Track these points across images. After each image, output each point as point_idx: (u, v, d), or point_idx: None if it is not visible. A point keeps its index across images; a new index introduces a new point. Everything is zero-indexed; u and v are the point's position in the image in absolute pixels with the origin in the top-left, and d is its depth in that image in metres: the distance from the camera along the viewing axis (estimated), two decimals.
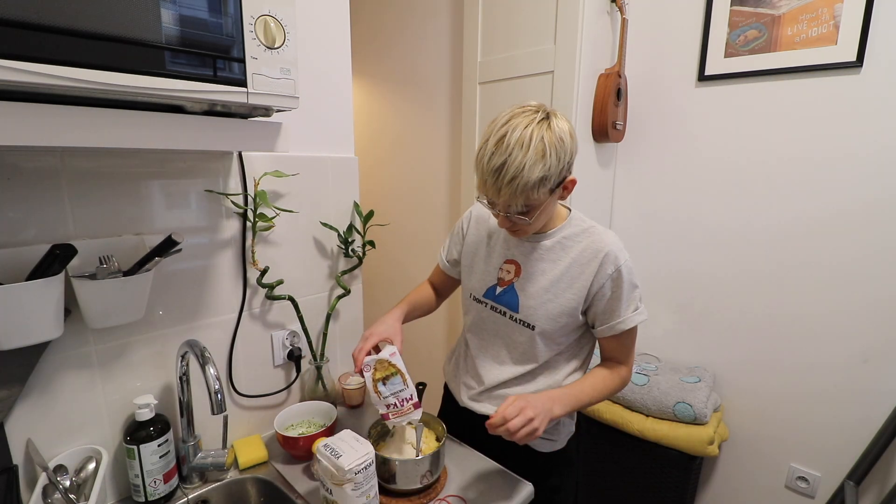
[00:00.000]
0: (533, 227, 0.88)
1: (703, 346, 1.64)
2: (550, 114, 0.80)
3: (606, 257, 0.88)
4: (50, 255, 0.68)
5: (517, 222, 0.85)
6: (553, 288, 0.91)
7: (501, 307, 0.97)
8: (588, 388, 0.92)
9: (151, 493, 0.86)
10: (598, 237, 0.91)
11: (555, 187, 0.82)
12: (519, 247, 0.96)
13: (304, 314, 1.14)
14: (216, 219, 0.98)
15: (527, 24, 1.53)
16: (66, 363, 0.81)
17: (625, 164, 1.74)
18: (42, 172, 0.75)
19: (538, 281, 0.93)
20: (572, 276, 0.91)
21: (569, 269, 0.91)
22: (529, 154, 0.76)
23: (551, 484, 1.04)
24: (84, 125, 0.58)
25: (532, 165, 0.76)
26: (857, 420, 1.38)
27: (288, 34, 0.68)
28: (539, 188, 0.78)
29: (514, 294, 0.95)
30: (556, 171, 0.79)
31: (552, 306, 0.91)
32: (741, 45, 1.43)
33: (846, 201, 1.33)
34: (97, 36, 0.53)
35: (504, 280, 0.97)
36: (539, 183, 0.77)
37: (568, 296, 0.91)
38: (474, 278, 1.03)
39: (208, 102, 0.66)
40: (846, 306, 1.36)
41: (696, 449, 1.40)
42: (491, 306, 0.99)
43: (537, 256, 0.94)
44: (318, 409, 1.10)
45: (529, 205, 0.81)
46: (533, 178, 0.76)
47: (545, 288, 0.92)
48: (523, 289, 0.94)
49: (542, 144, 0.76)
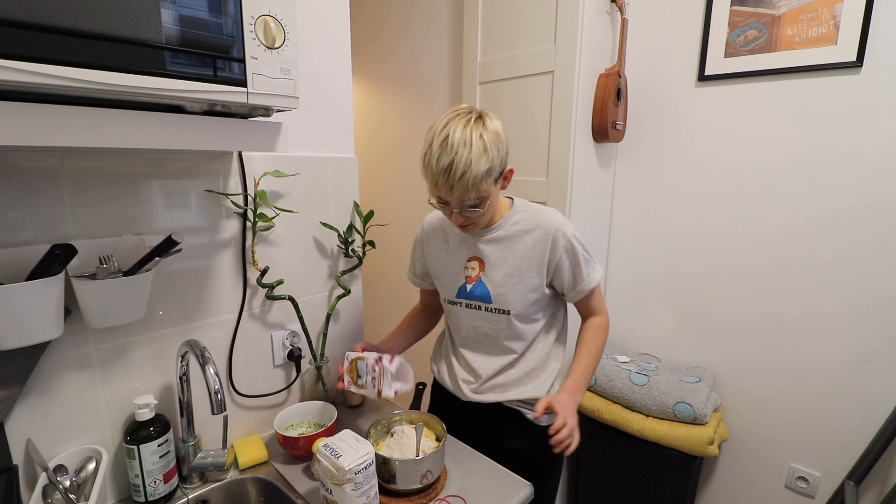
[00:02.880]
0: (484, 219, 0.97)
1: (703, 346, 1.64)
2: (483, 114, 0.90)
3: (556, 233, 0.98)
4: (50, 255, 0.68)
5: (470, 216, 0.93)
6: (516, 272, 1.00)
7: (475, 302, 1.05)
8: (586, 358, 1.05)
9: (151, 493, 0.86)
10: (545, 217, 1.00)
11: (498, 177, 0.92)
12: (477, 243, 1.03)
13: (304, 314, 1.14)
14: (216, 219, 0.98)
15: (527, 24, 1.53)
16: (66, 363, 0.81)
17: (625, 164, 1.74)
18: (42, 172, 0.75)
19: (502, 269, 1.01)
20: (531, 257, 1.00)
21: (526, 252, 1.00)
22: (474, 150, 0.84)
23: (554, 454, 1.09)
24: (84, 125, 0.58)
25: (478, 160, 0.85)
26: (857, 420, 1.38)
27: (288, 34, 0.68)
28: (486, 179, 0.88)
29: (483, 287, 1.03)
30: (499, 162, 0.89)
31: (520, 289, 1.00)
32: (741, 45, 1.43)
33: (846, 201, 1.33)
34: (97, 36, 0.53)
35: (471, 277, 1.05)
36: (486, 174, 0.87)
37: (531, 275, 1.00)
38: (444, 283, 1.10)
39: (208, 102, 0.66)
40: (846, 306, 1.36)
41: (696, 449, 1.40)
42: (465, 304, 1.07)
43: (495, 247, 1.02)
44: (318, 409, 1.10)
45: (481, 196, 0.90)
46: (481, 170, 0.85)
47: (509, 274, 1.00)
48: (490, 280, 1.02)
49: (482, 141, 0.85)
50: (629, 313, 1.80)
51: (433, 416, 1.02)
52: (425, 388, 1.19)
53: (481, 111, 0.91)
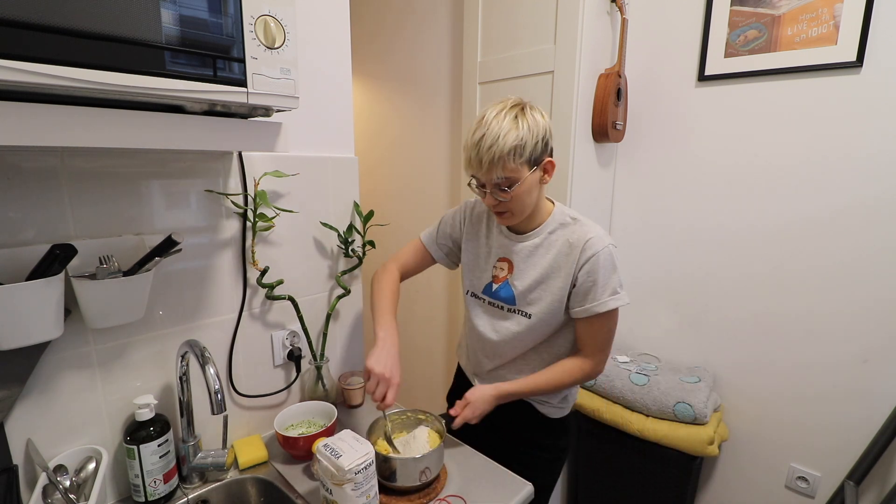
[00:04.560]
0: (517, 209, 0.95)
1: (703, 346, 1.64)
2: (526, 104, 0.92)
3: (587, 244, 0.95)
4: (50, 255, 0.68)
5: (502, 199, 0.93)
6: (543, 280, 0.99)
7: (498, 302, 1.06)
8: (541, 379, 1.02)
9: (151, 493, 0.86)
10: (581, 228, 0.98)
11: (532, 163, 0.91)
12: (510, 245, 1.04)
13: (304, 314, 1.14)
14: (216, 219, 0.98)
15: (527, 24, 1.53)
16: (66, 363, 0.81)
17: (625, 164, 1.74)
18: (42, 172, 0.75)
19: (529, 275, 1.01)
20: (559, 266, 0.98)
21: (555, 260, 0.98)
22: (504, 124, 0.88)
23: (561, 444, 1.15)
24: (84, 125, 0.58)
25: (506, 133, 0.87)
26: (857, 420, 1.38)
27: (288, 34, 0.68)
28: (514, 156, 0.88)
29: (508, 289, 1.03)
30: (531, 143, 0.89)
31: (545, 296, 0.99)
32: (741, 45, 1.43)
33: (846, 201, 1.33)
34: (97, 36, 0.53)
35: (499, 277, 1.05)
36: (514, 151, 0.88)
37: (558, 284, 0.98)
38: (475, 275, 1.10)
39: (208, 102, 0.66)
40: (846, 306, 1.36)
41: (696, 449, 1.40)
42: (489, 301, 1.08)
43: (527, 253, 1.02)
44: (318, 409, 1.10)
45: (508, 176, 0.90)
46: (508, 144, 0.87)
47: (537, 280, 1.00)
48: (516, 284, 1.02)
49: (515, 120, 0.88)
50: (629, 313, 1.80)
51: (434, 415, 1.02)
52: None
53: (526, 103, 0.92)
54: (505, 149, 0.87)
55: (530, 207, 0.97)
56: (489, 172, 0.90)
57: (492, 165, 0.89)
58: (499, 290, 1.05)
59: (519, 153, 0.88)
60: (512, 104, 0.91)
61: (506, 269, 1.04)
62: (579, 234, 0.97)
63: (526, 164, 0.90)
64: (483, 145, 0.88)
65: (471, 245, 1.11)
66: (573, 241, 0.97)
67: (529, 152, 0.90)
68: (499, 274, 1.05)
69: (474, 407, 1.00)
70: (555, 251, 0.99)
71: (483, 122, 0.89)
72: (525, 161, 0.90)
